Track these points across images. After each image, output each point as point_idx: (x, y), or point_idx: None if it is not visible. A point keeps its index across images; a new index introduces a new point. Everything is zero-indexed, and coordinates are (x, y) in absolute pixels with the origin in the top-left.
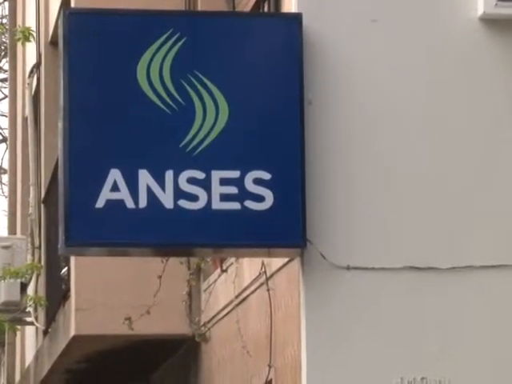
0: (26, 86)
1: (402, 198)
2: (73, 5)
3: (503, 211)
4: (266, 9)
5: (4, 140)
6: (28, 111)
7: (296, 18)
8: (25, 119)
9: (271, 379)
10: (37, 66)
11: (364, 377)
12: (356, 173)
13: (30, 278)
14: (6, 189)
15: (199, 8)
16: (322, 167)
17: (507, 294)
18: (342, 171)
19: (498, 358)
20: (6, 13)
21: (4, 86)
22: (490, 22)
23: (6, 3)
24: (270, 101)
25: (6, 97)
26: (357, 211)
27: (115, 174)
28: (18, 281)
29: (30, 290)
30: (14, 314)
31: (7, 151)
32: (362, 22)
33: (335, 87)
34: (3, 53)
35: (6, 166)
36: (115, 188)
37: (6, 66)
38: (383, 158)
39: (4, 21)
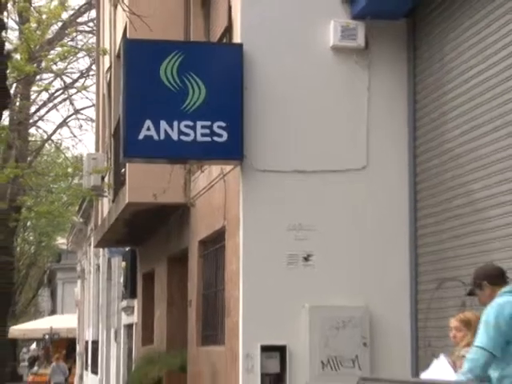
0: (105, 77)
1: (297, 130)
2: (128, 36)
3: (343, 137)
4: (225, 40)
5: (93, 105)
6: (105, 91)
7: (239, 46)
8: (103, 95)
9: (225, 225)
10: (109, 67)
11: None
12: (271, 119)
13: (106, 173)
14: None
15: (191, 39)
16: (252, 120)
17: (346, 190)
18: (263, 119)
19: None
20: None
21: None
22: (337, 50)
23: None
24: (226, 88)
25: (94, 83)
26: (270, 139)
27: (148, 122)
28: (100, 175)
29: (106, 180)
30: (98, 191)
31: (94, 112)
32: (277, 51)
33: (261, 81)
34: (93, 60)
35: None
36: (148, 129)
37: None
38: (291, 113)
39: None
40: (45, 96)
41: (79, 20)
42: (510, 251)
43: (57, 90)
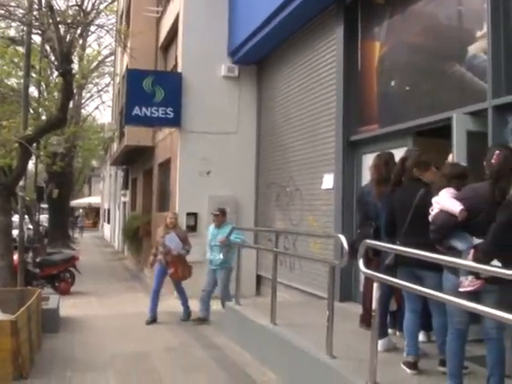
0: (117, 86)
1: (205, 112)
2: (128, 66)
3: (227, 117)
4: (174, 70)
5: (111, 99)
6: (116, 92)
7: (180, 74)
8: (116, 94)
9: (170, 156)
10: (119, 82)
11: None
12: (194, 108)
13: (115, 131)
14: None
15: (158, 69)
16: (185, 107)
17: (227, 142)
18: (190, 107)
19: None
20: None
21: (111, 86)
22: (226, 77)
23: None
24: (173, 93)
25: (112, 89)
26: (193, 117)
27: (137, 107)
28: (113, 131)
29: (116, 134)
30: (111, 139)
31: (111, 102)
32: (198, 76)
33: (190, 90)
34: (112, 78)
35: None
36: (136, 111)
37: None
38: (203, 104)
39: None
40: (88, 94)
41: (106, 60)
42: (297, 172)
43: (94, 92)
